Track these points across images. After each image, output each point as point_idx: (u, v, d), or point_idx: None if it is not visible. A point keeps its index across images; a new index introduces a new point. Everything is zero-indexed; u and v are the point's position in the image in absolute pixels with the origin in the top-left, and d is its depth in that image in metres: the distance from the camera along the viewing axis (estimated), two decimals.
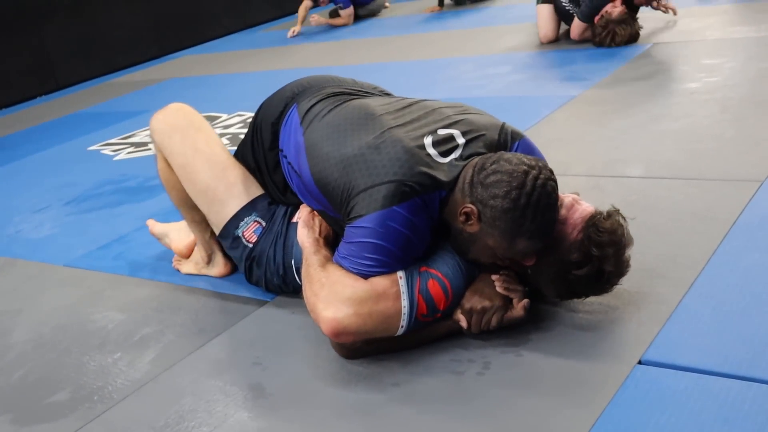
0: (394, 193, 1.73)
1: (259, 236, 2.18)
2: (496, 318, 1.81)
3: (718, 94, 3.37)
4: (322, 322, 1.75)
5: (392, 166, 1.76)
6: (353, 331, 1.75)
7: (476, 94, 4.19)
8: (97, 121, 5.50)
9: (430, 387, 1.73)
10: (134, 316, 2.38)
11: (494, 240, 1.73)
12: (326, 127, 1.98)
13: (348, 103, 2.06)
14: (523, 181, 1.67)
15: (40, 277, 2.88)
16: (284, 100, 2.19)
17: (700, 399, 1.52)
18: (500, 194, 1.68)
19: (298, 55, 6.69)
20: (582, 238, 1.74)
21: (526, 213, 1.67)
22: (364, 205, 1.76)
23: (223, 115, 4.74)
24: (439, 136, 1.86)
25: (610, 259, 1.75)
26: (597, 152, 3.00)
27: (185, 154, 2.25)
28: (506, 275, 1.84)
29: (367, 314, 1.74)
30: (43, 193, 3.92)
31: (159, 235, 2.73)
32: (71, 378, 2.09)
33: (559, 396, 1.62)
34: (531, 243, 1.72)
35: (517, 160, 1.72)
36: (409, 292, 1.76)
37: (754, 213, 2.23)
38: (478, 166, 1.76)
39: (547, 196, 1.69)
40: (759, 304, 1.78)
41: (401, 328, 1.78)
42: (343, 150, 1.87)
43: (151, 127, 2.34)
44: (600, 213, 1.78)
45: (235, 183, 2.24)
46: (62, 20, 7.45)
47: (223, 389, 1.89)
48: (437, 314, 1.81)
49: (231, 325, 2.19)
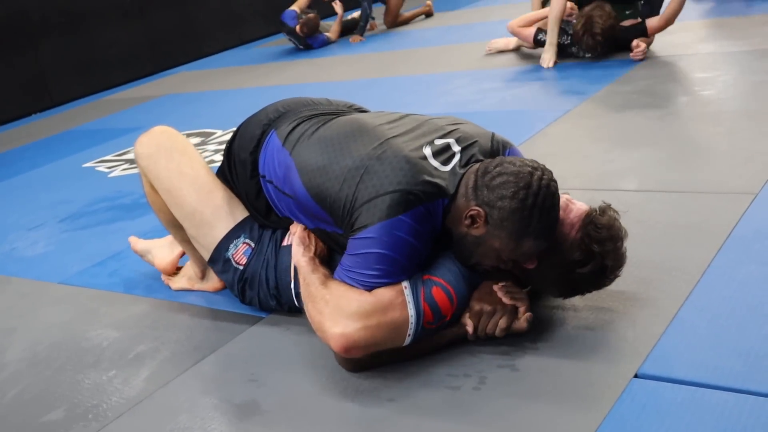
0: (398, 202, 1.74)
1: (249, 258, 2.18)
2: (505, 321, 1.81)
3: (711, 108, 3.39)
4: (331, 339, 1.74)
5: (396, 176, 1.77)
6: (363, 345, 1.74)
7: (471, 108, 4.20)
8: (92, 137, 5.50)
9: (426, 401, 1.73)
10: (129, 333, 2.37)
11: (501, 241, 1.75)
12: (318, 143, 1.98)
13: (337, 119, 2.07)
14: (529, 182, 1.71)
15: (34, 294, 2.87)
16: (260, 127, 2.17)
17: (696, 412, 1.52)
18: (508, 195, 1.71)
19: (293, 71, 6.71)
20: (582, 237, 1.77)
21: (534, 213, 1.70)
22: (369, 216, 1.76)
23: (218, 131, 4.75)
24: (437, 146, 1.88)
25: (611, 253, 1.79)
26: (591, 166, 3.00)
27: (170, 178, 2.24)
28: (508, 284, 1.85)
29: (375, 326, 1.74)
30: (37, 211, 3.91)
31: (141, 252, 2.71)
32: (66, 396, 2.08)
33: (555, 410, 1.62)
34: (537, 243, 1.75)
35: (520, 162, 1.77)
36: (415, 301, 1.77)
37: (749, 225, 2.23)
38: (481, 170, 1.78)
39: (551, 196, 1.73)
40: (754, 317, 1.79)
41: (409, 337, 1.78)
42: (343, 162, 1.87)
43: (135, 151, 2.34)
44: (594, 210, 1.82)
45: (221, 205, 2.22)
46: (57, 37, 7.47)
47: (218, 406, 1.88)
48: (443, 321, 1.81)
49: (226, 342, 2.18)
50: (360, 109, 2.29)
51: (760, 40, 4.35)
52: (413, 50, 6.47)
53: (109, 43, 7.88)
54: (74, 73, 7.61)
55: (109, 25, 7.90)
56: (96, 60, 7.78)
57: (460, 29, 6.97)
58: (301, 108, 2.19)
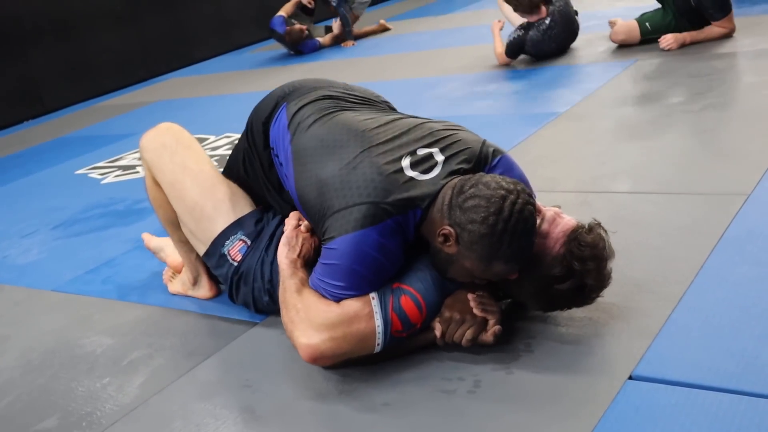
0: (365, 215, 1.75)
1: (244, 255, 2.18)
2: (472, 332, 1.81)
3: (702, 109, 3.39)
4: (299, 348, 1.79)
5: (366, 188, 1.78)
6: (330, 356, 1.79)
7: (464, 111, 4.20)
8: (84, 144, 5.49)
9: (421, 406, 1.73)
10: (123, 340, 2.36)
11: (471, 262, 1.74)
12: (310, 141, 1.99)
13: (333, 118, 2.05)
14: (500, 207, 1.67)
15: (27, 302, 2.86)
16: (275, 99, 2.21)
17: (691, 413, 1.52)
18: (478, 219, 1.68)
19: (286, 76, 6.69)
20: (564, 253, 1.75)
21: (503, 238, 1.68)
22: (337, 227, 1.78)
23: (211, 137, 4.74)
24: (418, 156, 1.87)
25: (592, 272, 1.76)
26: (584, 168, 3.01)
27: (174, 171, 2.26)
28: (482, 295, 1.84)
29: (341, 338, 1.78)
30: (30, 218, 3.90)
31: (155, 249, 2.74)
32: (60, 404, 2.07)
33: (550, 412, 1.62)
34: (508, 266, 1.74)
35: (495, 184, 1.72)
36: (383, 311, 1.78)
37: (741, 226, 2.24)
38: (457, 188, 1.76)
39: (524, 221, 1.69)
40: (748, 318, 1.79)
41: (378, 346, 1.81)
42: (322, 171, 1.88)
43: (141, 145, 2.35)
44: (582, 226, 1.79)
45: (223, 200, 2.24)
46: (49, 44, 7.45)
47: (213, 412, 1.88)
48: (413, 329, 1.82)
49: (220, 348, 2.18)
50: (376, 98, 2.29)
51: (753, 41, 4.36)
52: (406, 54, 6.47)
53: (101, 49, 7.87)
54: (66, 79, 7.59)
55: (102, 32, 7.89)
56: (88, 66, 7.77)
57: (453, 33, 6.98)
58: (314, 85, 2.22)
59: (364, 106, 2.18)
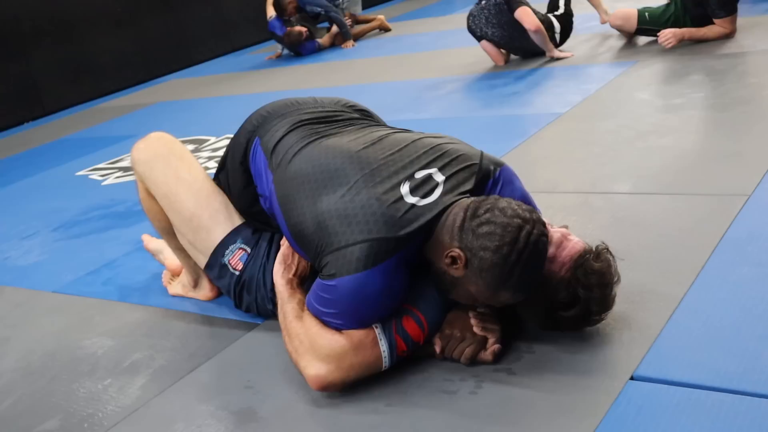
0: (368, 254, 1.68)
1: (245, 263, 2.17)
2: (471, 350, 1.79)
3: (703, 110, 3.40)
4: (307, 379, 1.79)
5: (366, 223, 1.71)
6: (339, 384, 1.79)
7: (464, 113, 4.21)
8: (85, 146, 5.49)
9: (423, 407, 1.73)
10: (124, 341, 2.36)
11: (477, 288, 1.69)
12: (295, 176, 1.90)
13: (315, 147, 1.96)
14: (516, 237, 1.63)
15: (28, 303, 2.86)
16: (246, 134, 2.15)
17: (692, 413, 1.52)
18: (491, 247, 1.64)
19: (285, 77, 6.71)
20: (569, 278, 1.72)
21: (515, 270, 1.64)
22: (338, 266, 1.71)
23: (212, 138, 4.75)
24: (417, 179, 1.80)
25: (597, 299, 1.73)
26: (585, 169, 3.01)
27: (168, 183, 2.23)
28: (483, 313, 1.82)
29: (348, 367, 1.77)
30: (31, 219, 3.91)
31: (154, 251, 2.73)
32: (61, 406, 2.07)
33: (552, 413, 1.62)
34: (515, 296, 1.71)
35: (512, 212, 1.66)
36: (387, 336, 1.78)
37: (742, 227, 2.24)
38: (471, 210, 1.69)
39: (537, 254, 1.66)
40: (749, 318, 1.79)
41: (384, 367, 1.81)
42: (318, 205, 1.80)
43: (132, 157, 2.33)
44: (589, 251, 1.75)
45: (219, 210, 2.23)
46: (49, 45, 7.46)
47: (214, 414, 1.88)
48: (417, 347, 1.83)
49: (221, 349, 2.18)
50: (350, 106, 2.22)
51: (752, 42, 4.36)
52: (406, 55, 6.47)
53: (101, 51, 7.88)
54: (66, 81, 7.60)
55: (101, 33, 7.90)
56: (88, 68, 7.77)
57: (453, 34, 6.97)
58: (282, 111, 2.14)
59: (340, 123, 2.09)
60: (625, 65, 4.46)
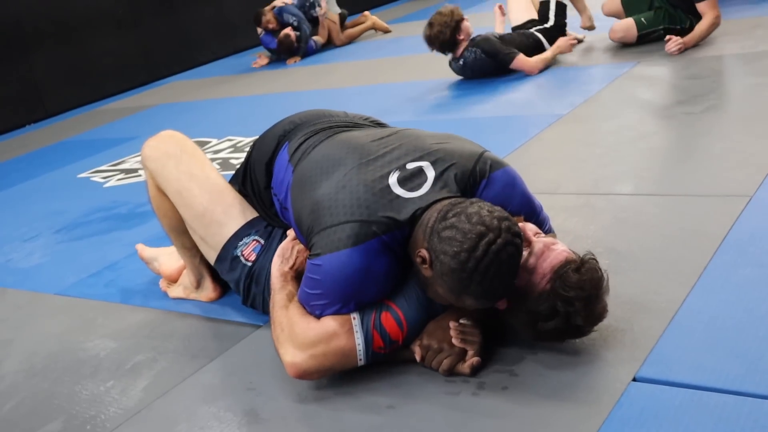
0: (349, 234, 1.74)
1: (258, 254, 2.19)
2: (448, 362, 1.79)
3: (704, 111, 3.40)
4: (285, 366, 1.82)
5: (351, 206, 1.77)
6: (314, 372, 1.81)
7: (465, 115, 4.21)
8: (86, 148, 5.49)
9: (425, 408, 1.73)
10: (126, 343, 2.37)
11: (443, 290, 1.70)
12: (308, 167, 1.98)
13: (332, 138, 2.05)
14: (474, 245, 1.60)
15: (31, 306, 2.86)
16: (276, 138, 2.21)
17: (695, 415, 1.52)
18: (450, 252, 1.63)
19: (287, 79, 6.71)
20: (549, 290, 1.68)
21: (474, 277, 1.61)
22: (322, 245, 1.77)
23: (213, 140, 4.75)
24: (407, 171, 1.83)
25: (580, 313, 1.68)
26: (586, 170, 3.01)
27: (180, 179, 2.26)
28: (464, 324, 1.81)
29: (321, 355, 1.79)
30: (33, 222, 3.91)
31: (148, 259, 2.74)
32: (63, 407, 2.07)
33: (554, 415, 1.62)
34: (478, 302, 1.69)
35: (477, 218, 1.63)
36: (363, 328, 1.78)
37: (744, 228, 2.24)
38: (442, 213, 1.69)
39: (498, 263, 1.61)
40: (751, 319, 1.79)
41: (360, 360, 1.81)
42: (316, 192, 1.87)
43: (143, 154, 2.35)
44: (571, 263, 1.70)
45: (232, 204, 2.26)
46: (50, 48, 7.46)
47: (217, 415, 1.88)
48: (394, 346, 1.82)
49: (224, 351, 2.18)
50: (377, 123, 2.28)
51: (753, 43, 4.36)
52: (408, 57, 6.47)
53: (102, 53, 7.88)
54: (68, 83, 7.61)
55: (103, 36, 7.91)
56: (90, 70, 7.78)
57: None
58: (314, 120, 2.20)
59: (362, 128, 2.17)
60: (626, 66, 4.46)
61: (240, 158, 4.04)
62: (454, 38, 4.72)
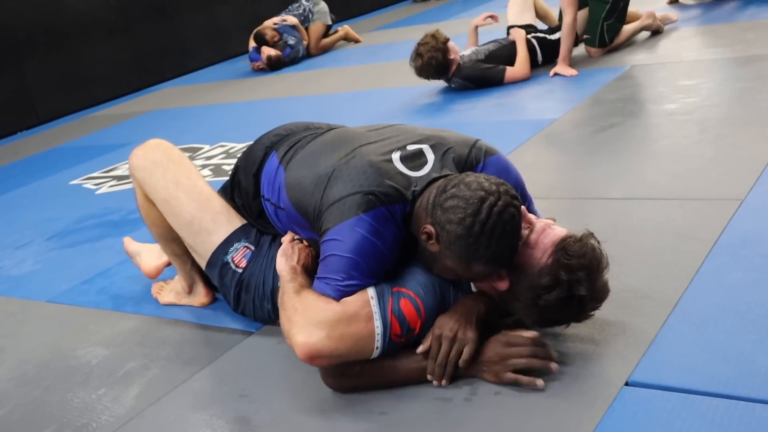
0: (359, 203, 1.78)
1: (249, 260, 2.18)
2: (468, 351, 1.75)
3: (696, 115, 3.41)
4: (296, 346, 1.73)
5: (358, 179, 1.82)
6: (327, 354, 1.73)
7: (457, 119, 4.21)
8: (78, 155, 5.48)
9: (418, 414, 1.72)
10: (118, 350, 2.36)
11: (452, 261, 1.73)
12: (302, 157, 2.05)
13: (326, 134, 2.14)
14: (478, 209, 1.65)
15: (22, 313, 2.85)
16: (263, 149, 2.23)
17: (687, 419, 1.52)
18: (455, 220, 1.68)
19: (279, 85, 6.71)
20: (551, 262, 1.71)
21: (481, 240, 1.66)
22: (332, 218, 1.80)
23: (206, 146, 4.74)
24: (408, 151, 1.92)
25: (582, 283, 1.69)
26: (578, 174, 3.01)
27: (167, 188, 2.25)
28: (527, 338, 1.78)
29: (339, 337, 1.73)
30: (24, 229, 3.90)
31: (132, 253, 2.76)
32: (55, 415, 2.06)
33: (547, 419, 1.62)
34: (487, 268, 1.72)
35: (476, 185, 1.69)
36: (382, 313, 1.76)
37: (736, 231, 2.24)
38: (441, 187, 1.76)
39: (502, 224, 1.66)
40: (743, 323, 1.79)
41: (376, 349, 1.77)
42: (316, 170, 1.93)
43: (130, 164, 2.34)
44: (571, 236, 1.75)
45: (220, 212, 2.25)
46: (42, 54, 7.45)
47: (209, 423, 1.87)
48: (411, 334, 1.80)
49: (216, 358, 2.18)
50: None
51: (744, 47, 4.38)
52: (401, 62, 6.47)
53: (94, 59, 7.87)
54: (60, 90, 7.59)
55: (95, 42, 7.90)
56: (82, 77, 7.77)
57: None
58: (300, 132, 2.23)
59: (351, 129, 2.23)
60: (618, 70, 4.47)
61: (232, 164, 4.04)
62: (446, 60, 4.69)
